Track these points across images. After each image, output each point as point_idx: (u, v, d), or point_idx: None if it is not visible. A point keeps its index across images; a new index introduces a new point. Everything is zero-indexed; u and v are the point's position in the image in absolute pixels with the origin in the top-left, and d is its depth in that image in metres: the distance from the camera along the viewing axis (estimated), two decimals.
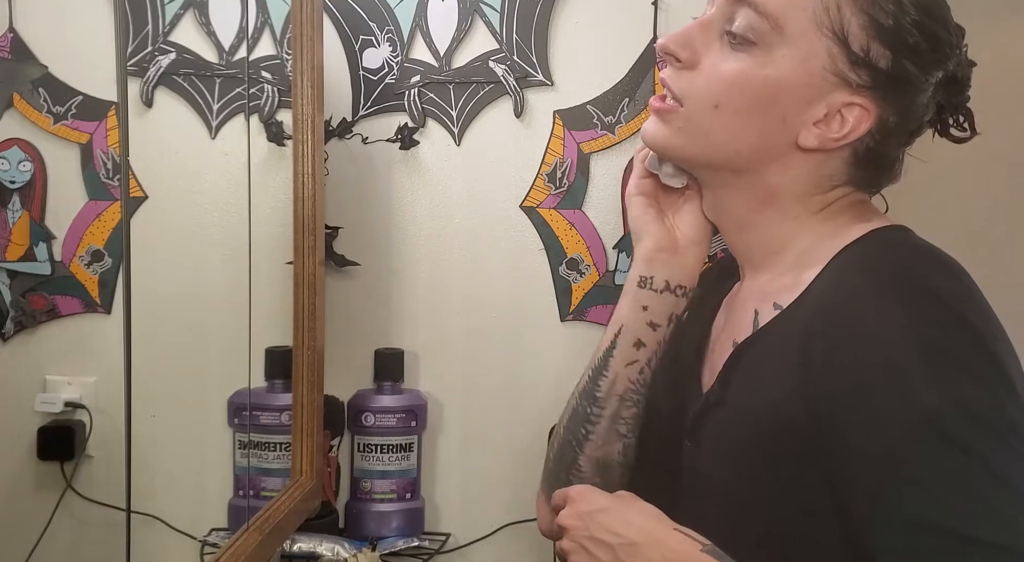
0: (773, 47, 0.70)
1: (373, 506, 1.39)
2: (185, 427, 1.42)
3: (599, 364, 0.85)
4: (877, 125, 0.73)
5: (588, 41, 1.40)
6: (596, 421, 0.85)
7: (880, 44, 0.70)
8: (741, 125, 0.73)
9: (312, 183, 1.26)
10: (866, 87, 0.71)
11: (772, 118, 0.72)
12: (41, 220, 1.40)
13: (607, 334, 0.85)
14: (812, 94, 0.71)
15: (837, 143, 0.73)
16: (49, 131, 1.39)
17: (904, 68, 0.71)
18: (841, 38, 0.69)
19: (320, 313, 1.28)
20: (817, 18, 0.69)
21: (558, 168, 1.42)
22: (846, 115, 0.71)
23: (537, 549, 1.43)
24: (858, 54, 0.70)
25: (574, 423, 0.88)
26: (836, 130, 0.72)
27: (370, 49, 1.41)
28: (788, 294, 0.74)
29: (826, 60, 0.70)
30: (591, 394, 0.86)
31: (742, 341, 0.76)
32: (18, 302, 1.40)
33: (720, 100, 0.73)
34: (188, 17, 1.40)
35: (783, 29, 0.70)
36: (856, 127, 0.72)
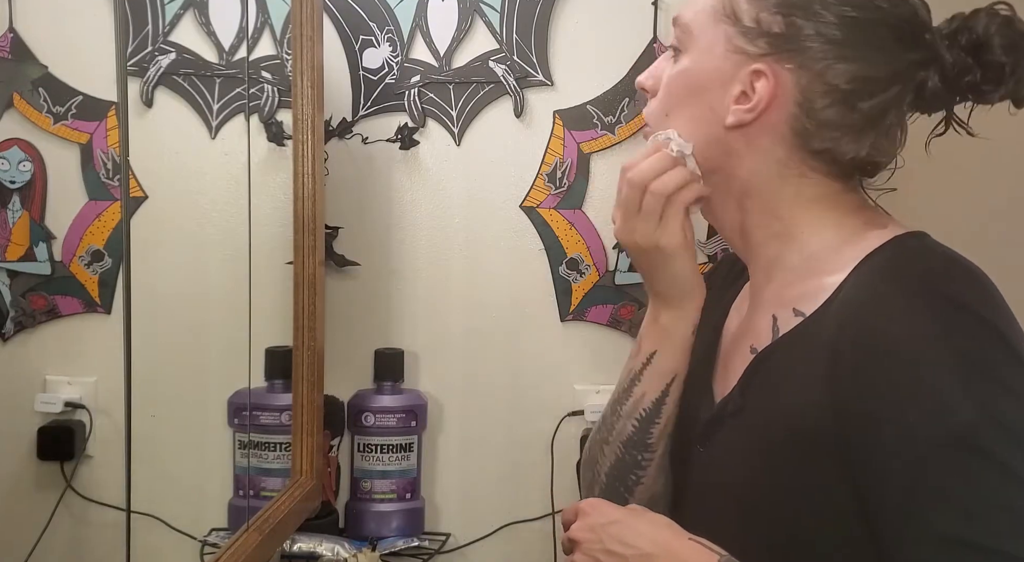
0: (689, 48, 0.77)
1: (373, 506, 1.39)
2: (185, 427, 1.42)
3: (649, 414, 0.82)
4: (796, 92, 0.73)
5: (588, 41, 1.40)
6: (647, 465, 0.84)
7: (768, 12, 0.73)
8: (683, 122, 0.78)
9: (312, 183, 1.26)
10: (766, 54, 0.73)
11: (702, 108, 0.76)
12: (41, 220, 1.40)
13: (654, 382, 0.82)
14: (723, 77, 0.75)
15: (752, 113, 0.74)
16: (49, 131, 1.39)
17: (798, 26, 0.72)
18: (733, 18, 0.74)
19: (320, 313, 1.28)
20: (715, 12, 0.75)
21: (558, 168, 1.42)
22: (755, 85, 0.73)
23: (537, 549, 1.43)
24: (750, 26, 0.73)
25: (622, 471, 0.85)
26: (749, 102, 0.74)
27: (370, 49, 1.41)
28: (810, 301, 0.73)
29: (725, 43, 0.74)
30: (641, 443, 0.83)
31: (763, 348, 0.75)
32: (18, 302, 1.40)
33: (665, 107, 0.79)
34: (188, 17, 1.40)
35: (692, 31, 0.77)
36: (765, 94, 0.73)
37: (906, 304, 0.65)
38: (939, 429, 0.61)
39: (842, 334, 0.67)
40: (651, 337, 0.82)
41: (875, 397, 0.64)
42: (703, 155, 0.77)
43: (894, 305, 0.66)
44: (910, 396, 0.63)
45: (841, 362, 0.66)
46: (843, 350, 0.66)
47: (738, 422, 0.76)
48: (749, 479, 0.74)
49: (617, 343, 1.43)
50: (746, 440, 0.75)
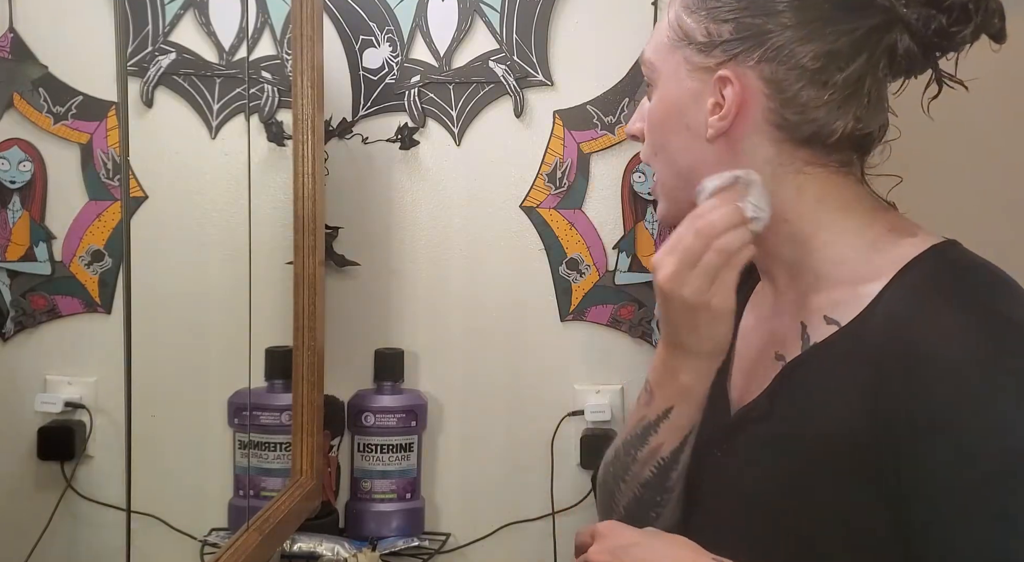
0: (657, 81, 0.79)
1: (373, 506, 1.39)
2: (185, 427, 1.42)
3: (667, 463, 0.79)
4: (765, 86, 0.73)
5: (588, 41, 1.41)
6: (667, 502, 0.82)
7: (715, 22, 0.74)
8: (671, 154, 0.79)
9: (312, 183, 1.26)
10: (726, 61, 0.74)
11: (680, 132, 0.78)
12: (41, 220, 1.40)
13: (672, 436, 0.78)
14: (693, 96, 0.76)
15: (728, 120, 0.74)
16: (49, 131, 1.39)
17: (747, 25, 0.73)
18: (687, 39, 0.76)
19: (320, 313, 1.28)
20: (670, 41, 0.77)
21: (558, 168, 1.42)
22: (724, 93, 0.74)
23: (537, 549, 1.43)
24: (703, 41, 0.75)
25: (641, 508, 0.82)
26: (721, 110, 0.75)
27: (370, 49, 1.41)
28: (843, 310, 0.72)
29: (686, 64, 0.76)
30: (660, 486, 0.81)
31: (794, 358, 0.74)
32: (18, 302, 1.40)
33: (653, 144, 0.80)
34: (188, 17, 1.40)
35: (655, 65, 0.79)
36: (734, 97, 0.74)
37: (957, 321, 0.65)
38: (994, 449, 0.61)
39: (890, 349, 0.66)
40: (668, 392, 0.77)
41: (927, 415, 0.64)
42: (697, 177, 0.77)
43: (945, 322, 0.65)
44: (965, 416, 0.62)
45: (889, 378, 0.66)
46: (891, 366, 0.66)
47: (763, 430, 0.75)
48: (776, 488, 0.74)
49: (617, 343, 1.43)
50: (772, 449, 0.74)
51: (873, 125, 0.75)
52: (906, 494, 0.65)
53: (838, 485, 0.69)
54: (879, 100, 0.75)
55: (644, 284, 1.42)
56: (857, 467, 0.67)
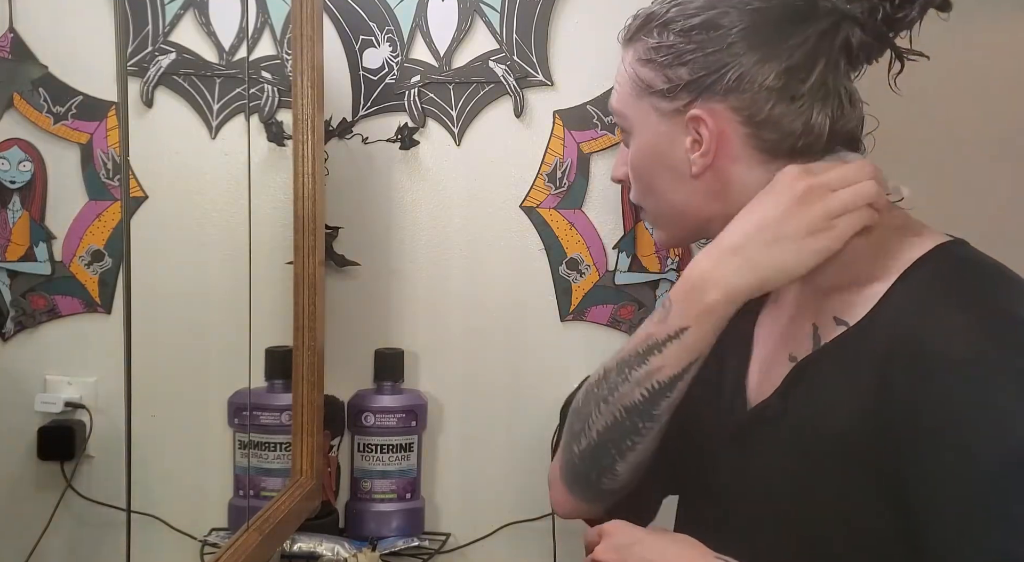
0: (631, 128, 0.82)
1: (373, 506, 1.39)
2: (185, 427, 1.42)
3: (662, 388, 0.77)
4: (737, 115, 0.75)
5: (588, 41, 1.41)
6: (647, 433, 0.79)
7: (671, 68, 0.77)
8: (660, 195, 0.82)
9: (312, 183, 1.26)
10: (692, 100, 0.76)
11: (664, 174, 0.80)
12: (41, 220, 1.40)
13: (677, 358, 0.76)
14: (668, 139, 0.78)
15: (708, 155, 0.76)
16: (49, 131, 1.39)
17: (702, 63, 0.75)
18: (650, 89, 0.79)
19: (320, 313, 1.28)
20: (634, 92, 0.81)
21: (558, 168, 1.42)
22: (699, 130, 0.76)
23: (537, 549, 1.43)
24: (664, 87, 0.77)
25: (618, 434, 0.80)
26: (700, 147, 0.77)
27: (370, 49, 1.41)
28: (852, 310, 0.72)
29: (654, 112, 0.79)
30: (647, 413, 0.78)
31: (804, 358, 0.75)
32: (18, 302, 1.40)
33: (640, 187, 0.83)
34: (188, 17, 1.40)
35: (625, 114, 0.82)
36: (710, 133, 0.75)
37: (962, 320, 0.65)
38: (999, 448, 0.61)
39: (896, 348, 0.66)
40: (689, 310, 0.74)
41: (930, 414, 0.64)
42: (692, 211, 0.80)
43: (950, 320, 0.66)
44: (970, 414, 0.62)
45: (894, 376, 0.66)
46: (897, 364, 0.66)
47: (776, 429, 0.76)
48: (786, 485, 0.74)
49: (617, 343, 1.42)
50: (784, 447, 0.75)
51: (853, 119, 0.76)
52: (909, 493, 0.65)
53: (845, 484, 0.69)
54: (849, 94, 0.76)
55: (644, 284, 1.42)
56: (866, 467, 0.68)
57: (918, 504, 0.65)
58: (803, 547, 0.72)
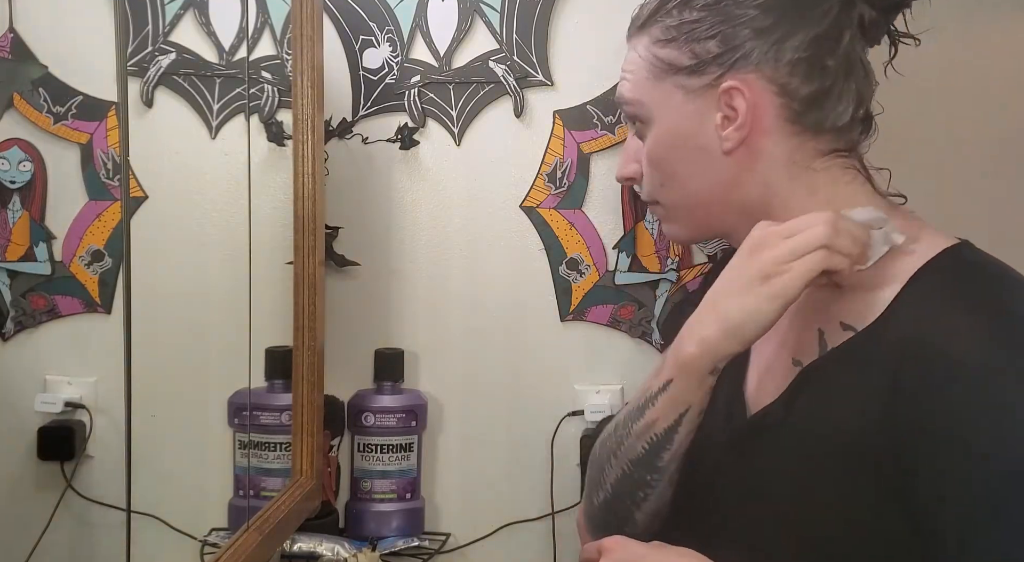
0: (649, 116, 0.79)
1: (373, 506, 1.39)
2: (185, 427, 1.42)
3: (660, 440, 0.77)
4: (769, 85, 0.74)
5: (588, 41, 1.41)
6: (656, 485, 0.80)
7: (698, 43, 0.75)
8: (682, 181, 0.80)
9: (312, 183, 1.26)
10: (723, 73, 0.75)
11: (691, 157, 0.78)
12: (41, 220, 1.40)
13: (668, 410, 0.76)
14: (697, 117, 0.77)
15: (743, 128, 0.75)
16: (49, 131, 1.39)
17: (731, 35, 0.74)
18: (673, 68, 0.77)
19: (320, 313, 1.28)
20: (651, 73, 0.78)
21: (558, 168, 1.42)
22: (732, 104, 0.75)
23: (537, 549, 1.43)
24: (691, 64, 0.76)
25: (629, 487, 0.81)
26: (736, 119, 0.75)
27: (370, 49, 1.41)
28: (859, 315, 0.72)
29: (680, 90, 0.77)
30: (651, 465, 0.79)
31: (810, 363, 0.74)
32: (18, 302, 1.40)
33: (658, 178, 0.81)
34: (188, 17, 1.40)
35: (642, 101, 0.79)
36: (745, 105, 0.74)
37: (973, 324, 0.65)
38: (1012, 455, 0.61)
39: (906, 353, 0.66)
40: (672, 362, 0.76)
41: (944, 418, 0.63)
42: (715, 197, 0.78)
43: (961, 325, 0.65)
44: (980, 418, 0.62)
45: (906, 381, 0.65)
46: (909, 369, 0.66)
47: (779, 435, 0.75)
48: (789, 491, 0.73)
49: (617, 343, 1.43)
50: (788, 453, 0.74)
51: (870, 98, 0.77)
52: (921, 497, 0.65)
53: (852, 489, 0.69)
54: (866, 71, 0.77)
55: (644, 284, 1.42)
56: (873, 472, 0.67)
57: (927, 508, 0.65)
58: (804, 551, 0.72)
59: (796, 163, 0.76)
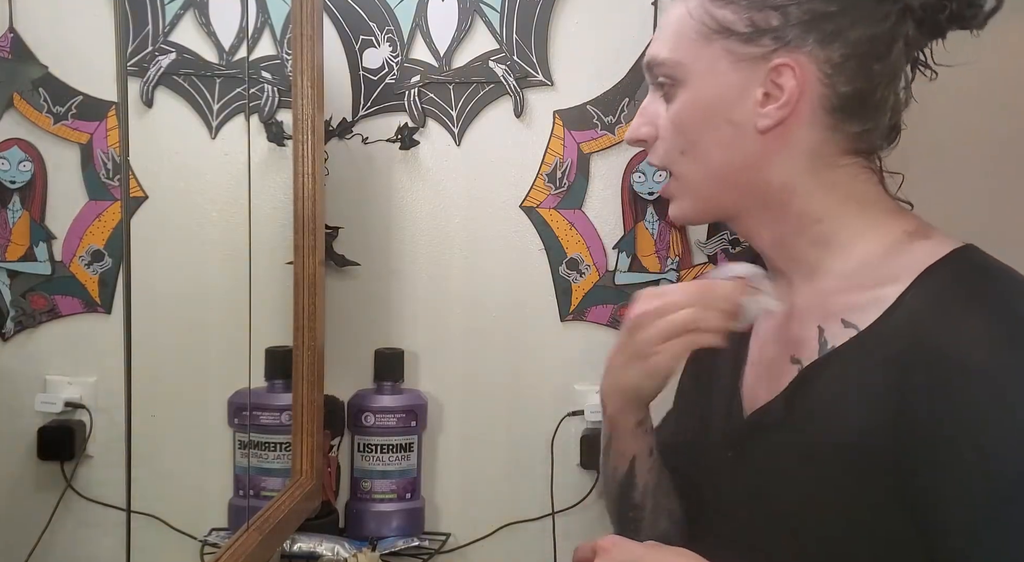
0: (685, 80, 0.75)
1: (373, 506, 1.39)
2: (185, 427, 1.42)
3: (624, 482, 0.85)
4: (818, 71, 0.73)
5: (588, 41, 1.40)
6: (640, 519, 0.86)
7: (758, 10, 0.73)
8: (706, 151, 0.76)
9: (312, 183, 1.26)
10: (777, 48, 0.72)
11: (722, 127, 0.75)
12: (41, 220, 1.40)
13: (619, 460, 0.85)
14: (738, 88, 0.74)
15: (787, 108, 0.73)
16: (49, 131, 1.39)
17: (793, 13, 0.72)
18: (726, 31, 0.73)
19: (320, 313, 1.28)
20: (700, 34, 0.74)
21: (558, 168, 1.42)
22: (779, 82, 0.73)
23: (537, 549, 1.43)
24: (746, 31, 0.73)
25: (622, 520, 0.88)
26: (779, 98, 0.73)
27: (370, 49, 1.41)
28: (862, 313, 0.71)
29: (728, 56, 0.74)
30: (629, 502, 0.86)
31: (811, 363, 0.74)
32: (18, 302, 1.40)
33: (679, 144, 0.77)
34: (188, 17, 1.40)
35: (682, 62, 0.75)
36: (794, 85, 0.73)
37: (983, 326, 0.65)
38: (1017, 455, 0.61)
39: (914, 353, 0.66)
40: (605, 420, 0.84)
41: (951, 420, 0.63)
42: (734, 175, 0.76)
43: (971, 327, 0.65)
44: (990, 421, 0.62)
45: (912, 381, 0.65)
46: (916, 370, 0.65)
47: (779, 433, 0.75)
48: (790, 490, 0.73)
49: None
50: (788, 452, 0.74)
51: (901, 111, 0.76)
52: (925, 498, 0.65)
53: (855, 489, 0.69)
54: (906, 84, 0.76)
55: (644, 284, 1.42)
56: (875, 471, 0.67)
57: (932, 509, 0.64)
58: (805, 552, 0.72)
59: (821, 156, 0.75)
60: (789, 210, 0.76)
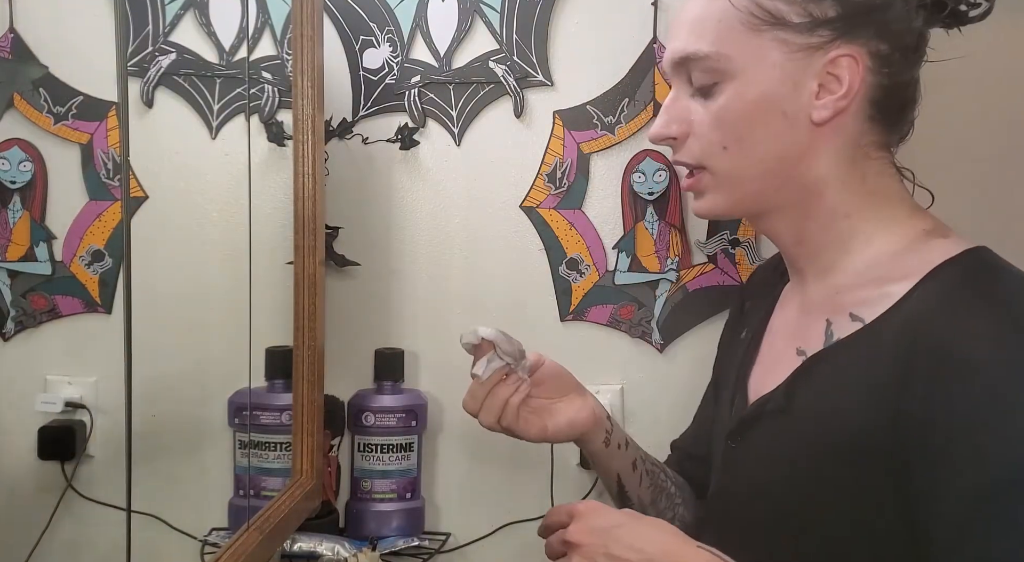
0: (732, 73, 0.73)
1: (373, 506, 1.39)
2: (185, 427, 1.42)
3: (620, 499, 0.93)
4: (873, 63, 0.73)
5: (588, 41, 1.41)
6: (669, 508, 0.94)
7: (817, 2, 0.71)
8: (752, 145, 0.75)
9: (312, 183, 1.27)
10: (835, 39, 0.72)
11: (774, 121, 0.74)
12: (41, 220, 1.40)
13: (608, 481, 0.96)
14: (792, 80, 0.73)
15: (848, 98, 0.73)
16: (50, 131, 1.39)
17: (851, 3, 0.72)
18: (779, 22, 0.71)
19: (320, 313, 1.28)
20: (750, 25, 0.72)
21: (558, 168, 1.42)
22: (836, 73, 0.72)
23: (537, 549, 1.43)
24: (803, 21, 0.71)
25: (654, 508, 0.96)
26: (838, 89, 0.72)
27: (370, 49, 1.41)
28: (870, 307, 0.72)
29: (781, 47, 0.72)
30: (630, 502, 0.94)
31: (815, 353, 0.74)
32: (19, 302, 1.40)
33: (723, 140, 0.75)
34: (188, 17, 1.40)
35: (728, 55, 0.73)
36: (853, 76, 0.72)
37: (987, 325, 0.65)
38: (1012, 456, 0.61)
39: (916, 348, 0.66)
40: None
41: (947, 416, 0.64)
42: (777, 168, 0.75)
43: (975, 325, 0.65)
44: (986, 419, 0.62)
45: (913, 376, 0.66)
46: (917, 364, 0.66)
47: (779, 422, 0.75)
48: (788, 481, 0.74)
49: (617, 343, 1.43)
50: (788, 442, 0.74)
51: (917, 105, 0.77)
52: (916, 491, 0.65)
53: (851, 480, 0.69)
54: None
55: (644, 284, 1.42)
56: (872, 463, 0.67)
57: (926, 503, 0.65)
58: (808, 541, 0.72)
59: (860, 147, 0.75)
60: (822, 203, 0.75)
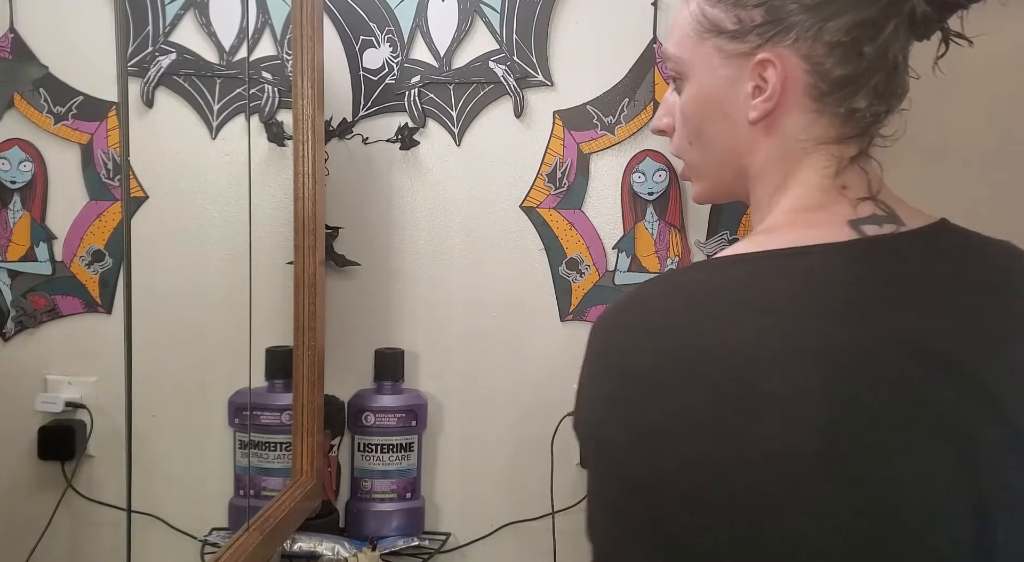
0: (687, 75, 0.81)
1: (373, 506, 1.39)
2: (185, 427, 1.42)
3: None
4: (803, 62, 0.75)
5: (588, 41, 1.41)
6: None
7: (744, 9, 0.75)
8: (707, 141, 0.81)
9: (312, 183, 1.27)
10: (761, 44, 0.75)
11: (719, 120, 0.79)
12: (42, 220, 1.40)
13: None
14: (729, 83, 0.77)
15: (771, 101, 0.75)
16: (50, 131, 1.39)
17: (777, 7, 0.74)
18: (717, 29, 0.77)
19: (320, 313, 1.28)
20: (696, 32, 0.79)
21: (558, 168, 1.42)
22: (765, 75, 0.76)
23: (537, 549, 1.44)
24: (734, 28, 0.76)
25: None
26: (764, 91, 0.76)
27: (370, 49, 1.41)
28: None
29: (719, 53, 0.78)
30: None
31: None
32: (19, 302, 1.40)
33: (688, 135, 0.83)
34: (188, 17, 1.40)
35: (684, 59, 0.80)
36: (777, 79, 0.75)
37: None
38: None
39: None
40: None
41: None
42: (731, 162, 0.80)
43: None
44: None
45: None
46: None
47: None
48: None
49: None
50: None
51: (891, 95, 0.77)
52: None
53: None
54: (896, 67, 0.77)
55: None
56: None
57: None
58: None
59: (799, 141, 0.77)
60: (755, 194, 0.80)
